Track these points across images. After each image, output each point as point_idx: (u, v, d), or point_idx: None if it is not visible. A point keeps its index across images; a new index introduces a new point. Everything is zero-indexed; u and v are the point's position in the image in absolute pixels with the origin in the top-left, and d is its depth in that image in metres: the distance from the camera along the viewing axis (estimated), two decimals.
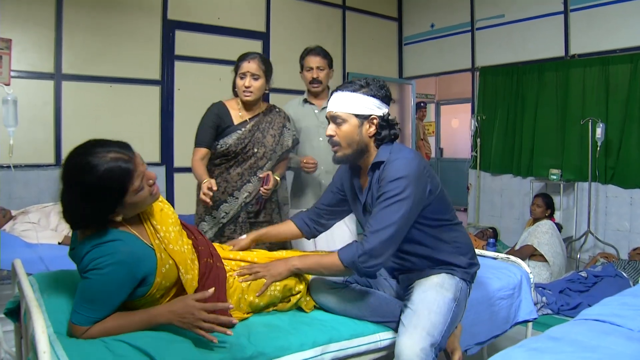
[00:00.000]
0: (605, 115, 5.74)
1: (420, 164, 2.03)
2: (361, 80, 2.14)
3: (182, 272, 1.91)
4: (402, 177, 1.98)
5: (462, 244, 2.23)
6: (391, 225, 1.97)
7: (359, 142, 2.13)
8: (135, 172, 1.74)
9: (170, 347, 1.65)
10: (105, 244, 1.69)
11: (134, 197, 1.76)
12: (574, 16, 6.08)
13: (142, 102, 5.69)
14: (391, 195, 1.98)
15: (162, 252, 1.86)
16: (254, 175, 3.08)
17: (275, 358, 1.83)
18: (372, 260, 1.98)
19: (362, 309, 2.18)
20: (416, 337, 1.95)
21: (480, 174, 7.22)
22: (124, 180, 1.71)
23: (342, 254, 2.03)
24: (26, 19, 4.97)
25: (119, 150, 1.75)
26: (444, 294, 2.09)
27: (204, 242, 2.18)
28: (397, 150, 2.12)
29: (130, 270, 1.71)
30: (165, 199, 5.99)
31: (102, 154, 1.70)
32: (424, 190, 2.04)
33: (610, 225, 5.90)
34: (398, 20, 8.19)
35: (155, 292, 1.84)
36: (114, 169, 1.69)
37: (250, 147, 3.07)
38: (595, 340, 1.65)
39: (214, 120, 3.04)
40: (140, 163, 1.79)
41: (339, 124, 2.12)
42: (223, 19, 6.21)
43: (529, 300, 2.77)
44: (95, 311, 1.69)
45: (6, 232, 3.95)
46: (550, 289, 4.25)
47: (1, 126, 3.26)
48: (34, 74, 5.04)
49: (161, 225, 1.93)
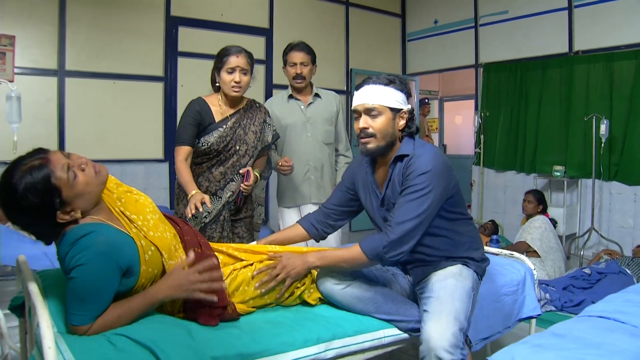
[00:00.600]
0: (609, 112, 5.72)
1: (444, 159, 2.12)
2: (388, 76, 2.20)
3: (165, 257, 1.91)
4: (429, 171, 2.04)
5: (475, 238, 2.29)
6: (416, 217, 2.03)
7: (392, 135, 2.17)
8: (55, 169, 1.70)
9: (173, 343, 1.65)
10: (80, 239, 1.68)
11: (72, 188, 1.73)
12: (578, 12, 6.05)
13: (146, 98, 5.70)
14: (417, 189, 2.04)
15: (141, 239, 1.85)
16: (237, 174, 3.01)
17: (279, 354, 1.84)
18: (396, 250, 2.04)
19: (367, 304, 2.18)
20: (444, 322, 1.95)
21: (484, 170, 7.21)
22: (46, 182, 1.69)
23: (365, 246, 2.07)
24: (29, 16, 4.98)
25: (30, 159, 1.72)
26: (464, 282, 2.12)
27: (190, 231, 2.17)
28: (420, 144, 2.18)
29: (112, 259, 1.70)
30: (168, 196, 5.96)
31: (16, 172, 1.68)
32: (448, 184, 2.10)
33: (614, 222, 5.89)
34: (401, 16, 8.17)
35: (144, 282, 1.84)
36: (30, 175, 1.67)
37: (232, 145, 2.98)
38: (599, 337, 1.65)
39: (195, 117, 2.93)
40: (58, 158, 1.74)
41: (374, 116, 2.15)
42: (226, 15, 6.21)
43: (532, 296, 2.77)
44: (90, 309, 1.68)
45: (10, 228, 3.95)
46: (554, 286, 4.25)
47: (5, 123, 3.26)
48: (37, 70, 5.05)
49: (137, 215, 1.92)
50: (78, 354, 1.53)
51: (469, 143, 9.33)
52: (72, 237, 1.70)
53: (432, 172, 2.04)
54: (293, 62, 3.54)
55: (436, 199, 2.05)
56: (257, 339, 1.84)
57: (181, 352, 1.62)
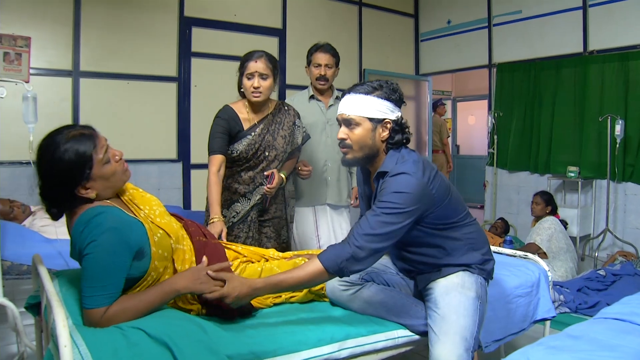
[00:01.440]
0: (624, 112, 5.67)
1: (421, 181, 1.95)
2: (374, 83, 2.09)
3: (173, 240, 2.00)
4: (401, 192, 1.93)
5: (474, 239, 2.17)
6: (382, 235, 1.92)
7: (371, 147, 2.08)
8: (99, 143, 1.84)
9: (187, 339, 1.66)
10: (93, 218, 1.76)
11: (102, 168, 1.84)
12: (593, 11, 6.01)
13: (159, 98, 5.73)
14: (387, 207, 1.93)
15: (149, 223, 1.93)
16: (264, 178, 3.01)
17: (292, 353, 1.84)
18: (359, 264, 1.93)
19: (377, 309, 2.18)
20: (449, 345, 1.94)
21: (497, 171, 7.17)
22: (88, 148, 1.81)
23: (325, 261, 1.93)
24: (44, 17, 5.02)
25: (80, 128, 1.86)
26: (467, 294, 2.06)
27: (193, 224, 2.26)
28: (402, 160, 2.05)
29: (122, 236, 1.76)
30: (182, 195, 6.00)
31: (64, 132, 1.82)
32: (424, 203, 1.97)
33: (629, 223, 5.84)
34: (414, 16, 8.15)
35: (157, 265, 1.90)
36: (77, 139, 1.80)
37: (261, 152, 2.99)
38: (615, 339, 1.63)
39: (225, 126, 2.93)
40: (103, 138, 1.88)
41: (351, 128, 2.07)
42: (239, 16, 6.23)
43: (547, 298, 2.75)
44: (104, 288, 1.71)
45: (26, 227, 3.99)
46: (568, 287, 4.22)
47: (21, 123, 3.30)
48: (52, 71, 5.09)
49: (144, 205, 2.02)
50: (93, 348, 1.55)
51: (482, 143, 9.30)
52: (85, 217, 1.78)
53: (404, 192, 1.92)
54: (318, 63, 3.53)
55: (407, 219, 1.94)
56: (270, 337, 1.85)
57: (195, 348, 1.63)
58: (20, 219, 4.13)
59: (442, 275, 2.13)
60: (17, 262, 3.32)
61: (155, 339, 1.62)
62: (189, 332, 1.71)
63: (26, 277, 3.30)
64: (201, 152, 5.85)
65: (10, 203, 4.18)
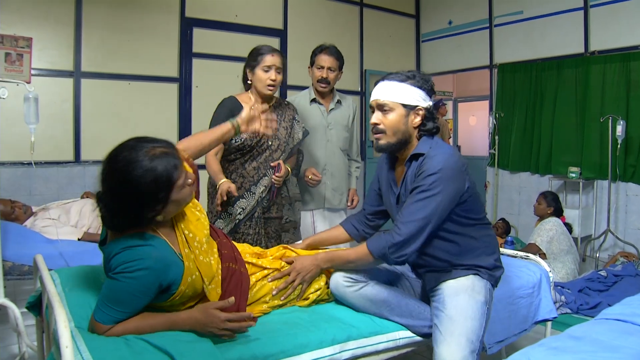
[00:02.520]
0: (625, 113, 5.66)
1: (459, 161, 2.06)
2: (407, 72, 2.17)
3: (206, 283, 1.91)
4: (439, 172, 1.99)
5: (490, 244, 2.21)
6: (422, 218, 2.00)
7: (404, 132, 2.14)
8: (181, 167, 1.74)
9: (190, 346, 1.66)
10: (136, 248, 1.68)
11: (178, 194, 1.75)
12: (594, 12, 6.00)
13: (160, 99, 5.73)
14: (426, 190, 2.00)
15: (190, 261, 1.85)
16: (270, 168, 3.03)
17: (294, 355, 1.84)
18: (402, 250, 2.03)
19: (380, 307, 2.18)
20: (454, 345, 1.95)
21: (498, 171, 7.17)
22: (173, 173, 1.70)
23: (371, 245, 2.08)
24: (46, 18, 5.02)
25: (164, 145, 1.74)
26: (476, 298, 2.07)
27: (229, 245, 2.17)
28: (437, 145, 2.13)
29: (158, 277, 1.72)
30: None
31: (148, 149, 1.69)
32: (461, 187, 2.05)
33: (630, 223, 5.83)
34: (415, 17, 8.15)
35: (177, 299, 1.85)
36: (160, 159, 1.68)
37: (265, 140, 3.02)
38: (617, 340, 1.63)
39: (227, 115, 2.85)
40: (183, 159, 1.79)
41: (385, 112, 2.13)
42: (240, 17, 6.23)
43: (548, 299, 2.75)
44: (119, 312, 1.71)
45: (27, 227, 3.99)
46: (569, 288, 4.22)
47: (22, 123, 3.29)
48: (53, 71, 5.10)
49: (194, 235, 1.92)
50: (96, 354, 1.55)
51: (483, 144, 9.28)
52: (130, 242, 1.69)
53: (442, 173, 1.99)
54: (320, 65, 3.50)
55: (445, 202, 2.01)
56: (272, 340, 1.85)
57: (197, 354, 1.63)
58: (22, 220, 4.12)
59: (452, 277, 2.14)
60: (19, 263, 3.32)
61: (158, 348, 1.62)
62: (190, 338, 1.72)
63: (27, 278, 3.30)
64: None
65: (12, 203, 4.18)
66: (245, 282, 2.09)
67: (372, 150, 7.56)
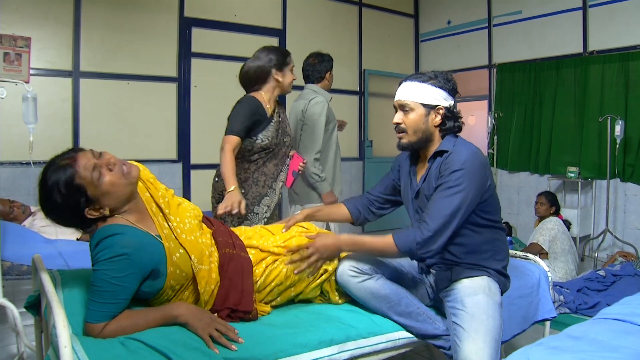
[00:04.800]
0: (624, 112, 5.67)
1: (483, 159, 2.11)
2: (430, 72, 2.22)
3: (194, 261, 1.93)
4: (464, 168, 2.03)
5: (500, 250, 2.23)
6: (449, 214, 2.02)
7: (425, 131, 2.18)
8: (79, 169, 1.77)
9: (187, 346, 1.66)
10: (107, 239, 1.74)
11: (98, 188, 1.79)
12: (593, 12, 6.01)
13: (159, 99, 5.73)
14: (452, 185, 2.03)
15: (171, 240, 1.89)
16: (285, 165, 3.17)
17: (292, 356, 1.83)
18: (428, 246, 2.02)
19: (380, 302, 2.17)
20: (481, 343, 1.94)
21: (497, 171, 7.17)
22: (70, 182, 1.76)
23: (398, 239, 2.06)
24: (45, 17, 5.02)
25: (60, 158, 1.82)
26: (494, 298, 2.08)
27: (225, 232, 2.19)
28: (462, 142, 2.18)
29: (136, 260, 1.74)
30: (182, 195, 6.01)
31: (48, 170, 1.79)
32: (484, 184, 2.08)
33: (629, 223, 5.84)
34: (414, 16, 8.15)
35: (173, 284, 1.87)
36: (57, 173, 1.77)
37: (282, 137, 3.12)
38: (616, 339, 1.63)
39: (254, 112, 2.96)
40: (86, 158, 1.80)
41: (406, 112, 2.19)
42: (239, 16, 6.23)
43: (547, 298, 2.75)
44: (106, 305, 1.71)
45: (25, 227, 3.99)
46: (568, 288, 4.21)
47: (21, 123, 3.29)
48: (52, 71, 5.09)
49: (175, 217, 1.97)
50: (92, 355, 1.55)
51: (482, 144, 9.28)
52: (100, 234, 1.76)
53: (467, 169, 2.03)
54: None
55: (470, 197, 2.03)
56: (271, 340, 1.84)
57: (194, 356, 1.63)
58: (20, 220, 4.13)
59: (465, 276, 2.15)
60: (17, 263, 3.32)
61: (153, 349, 1.62)
62: (186, 339, 1.71)
63: (26, 278, 3.30)
64: (201, 152, 5.86)
65: (10, 203, 4.18)
66: (247, 265, 2.10)
67: (371, 150, 7.57)
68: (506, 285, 2.25)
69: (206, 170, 3.01)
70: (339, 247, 2.17)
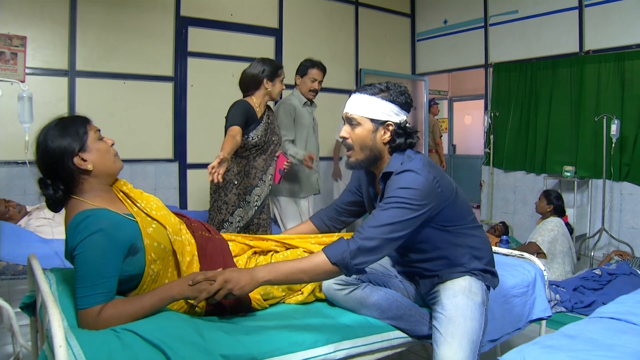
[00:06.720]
0: (620, 112, 5.69)
1: (428, 178, 1.94)
2: (382, 84, 2.09)
3: (170, 232, 2.01)
4: (407, 187, 1.91)
5: (477, 248, 2.15)
6: (387, 225, 1.88)
7: (372, 148, 2.07)
8: (91, 123, 1.99)
9: (182, 341, 1.66)
10: (80, 222, 1.78)
11: (96, 142, 1.94)
12: (589, 11, 6.02)
13: (155, 98, 5.71)
14: (393, 201, 1.91)
15: (143, 217, 1.97)
16: (273, 160, 3.56)
17: (288, 354, 1.84)
18: (362, 256, 1.86)
19: (371, 310, 2.17)
20: (456, 346, 1.93)
21: (494, 170, 7.18)
22: (82, 119, 1.97)
23: (329, 250, 1.89)
24: (41, 16, 5.00)
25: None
26: (474, 299, 2.04)
27: (196, 221, 2.31)
28: (408, 159, 2.04)
29: (111, 236, 1.78)
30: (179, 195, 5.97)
31: (54, 122, 1.97)
32: (431, 204, 1.94)
33: (624, 222, 5.85)
34: (411, 16, 8.15)
35: (154, 257, 1.92)
36: (70, 117, 1.98)
37: (270, 136, 3.54)
38: (612, 338, 1.64)
39: (245, 113, 3.37)
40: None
41: (353, 127, 2.08)
42: (236, 16, 6.22)
43: (543, 297, 2.76)
44: (93, 286, 1.72)
45: (21, 227, 3.98)
46: (564, 287, 4.23)
47: (17, 123, 3.29)
48: (48, 70, 5.08)
49: (141, 200, 2.05)
50: (87, 349, 1.54)
51: (478, 143, 9.31)
52: (75, 220, 1.80)
53: (411, 188, 1.90)
54: (314, 78, 4.13)
55: (412, 215, 1.90)
56: (266, 338, 1.85)
57: (190, 351, 1.63)
58: (16, 219, 4.11)
59: (447, 279, 2.12)
60: (13, 262, 3.31)
61: (149, 342, 1.62)
62: (183, 333, 1.70)
63: (22, 278, 3.29)
64: (197, 152, 5.85)
65: (6, 203, 4.17)
66: (224, 246, 2.21)
67: None
68: (494, 281, 2.20)
69: (203, 169, 3.01)
70: (254, 280, 1.82)
